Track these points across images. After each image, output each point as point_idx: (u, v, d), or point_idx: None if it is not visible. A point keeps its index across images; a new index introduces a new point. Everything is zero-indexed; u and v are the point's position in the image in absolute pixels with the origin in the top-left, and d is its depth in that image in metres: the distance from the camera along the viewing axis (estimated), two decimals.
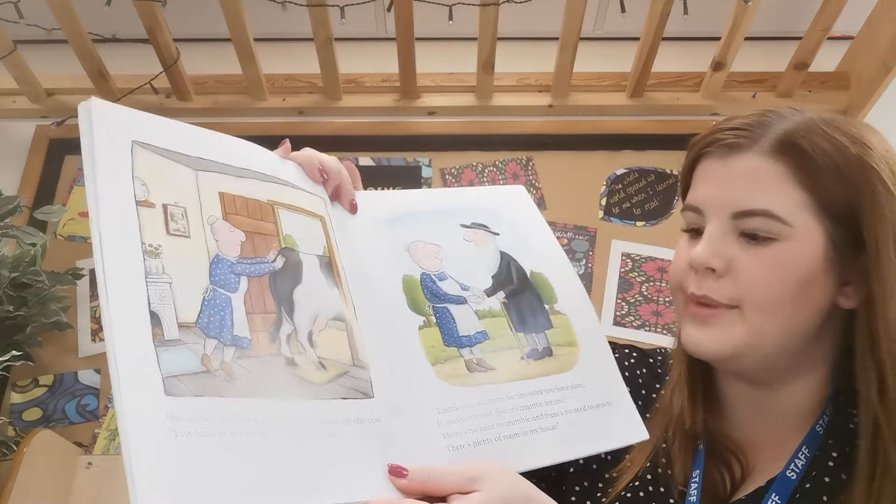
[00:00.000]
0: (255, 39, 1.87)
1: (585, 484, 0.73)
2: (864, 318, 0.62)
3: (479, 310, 0.67)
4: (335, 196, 0.68)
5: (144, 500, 0.40)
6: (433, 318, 0.65)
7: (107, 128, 0.50)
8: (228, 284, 0.52)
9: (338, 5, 1.88)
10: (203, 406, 0.46)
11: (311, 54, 1.89)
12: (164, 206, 0.51)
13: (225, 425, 0.46)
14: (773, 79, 2.03)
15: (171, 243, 0.50)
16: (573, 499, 0.73)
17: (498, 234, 0.74)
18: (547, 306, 0.70)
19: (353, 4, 1.90)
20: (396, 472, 0.52)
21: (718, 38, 1.87)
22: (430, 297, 0.66)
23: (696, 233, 0.67)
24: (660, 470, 0.69)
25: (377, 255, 0.66)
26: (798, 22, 1.99)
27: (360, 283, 0.62)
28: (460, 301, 0.67)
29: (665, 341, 1.76)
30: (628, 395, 0.67)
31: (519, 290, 0.71)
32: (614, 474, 0.72)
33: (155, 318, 0.46)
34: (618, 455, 0.73)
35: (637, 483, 0.70)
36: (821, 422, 0.66)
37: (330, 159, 0.68)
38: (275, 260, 0.56)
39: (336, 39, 1.86)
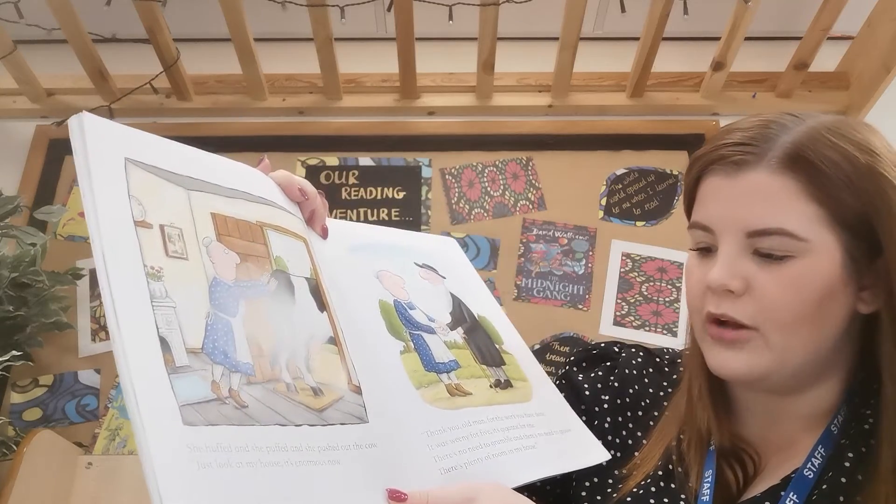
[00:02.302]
0: (255, 39, 1.87)
1: (595, 480, 0.73)
2: (889, 321, 0.61)
3: (447, 341, 0.69)
4: (310, 220, 0.68)
5: None
6: (412, 344, 0.66)
7: (100, 143, 0.48)
8: (228, 308, 0.50)
9: (338, 5, 1.88)
10: (218, 435, 0.44)
11: (311, 54, 1.89)
12: (162, 227, 0.49)
13: (240, 455, 0.44)
14: (773, 79, 2.03)
15: (172, 266, 0.48)
16: (583, 494, 0.73)
17: (445, 278, 0.77)
18: (497, 346, 0.74)
19: (353, 4, 1.90)
20: (396, 496, 0.52)
21: (718, 38, 1.87)
22: (405, 323, 0.67)
23: (706, 251, 0.66)
24: (671, 468, 0.69)
25: (351, 280, 0.66)
26: (798, 22, 1.99)
27: (341, 306, 0.62)
28: (430, 331, 0.68)
29: (665, 341, 1.76)
30: (582, 423, 0.72)
31: (472, 329, 0.74)
32: (624, 472, 0.72)
33: (164, 343, 0.44)
34: (627, 453, 0.73)
35: (648, 481, 0.70)
36: (835, 422, 0.66)
37: (304, 181, 0.67)
38: (268, 282, 0.54)
39: (336, 39, 1.86)
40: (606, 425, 0.75)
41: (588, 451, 0.69)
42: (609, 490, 0.72)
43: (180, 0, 1.96)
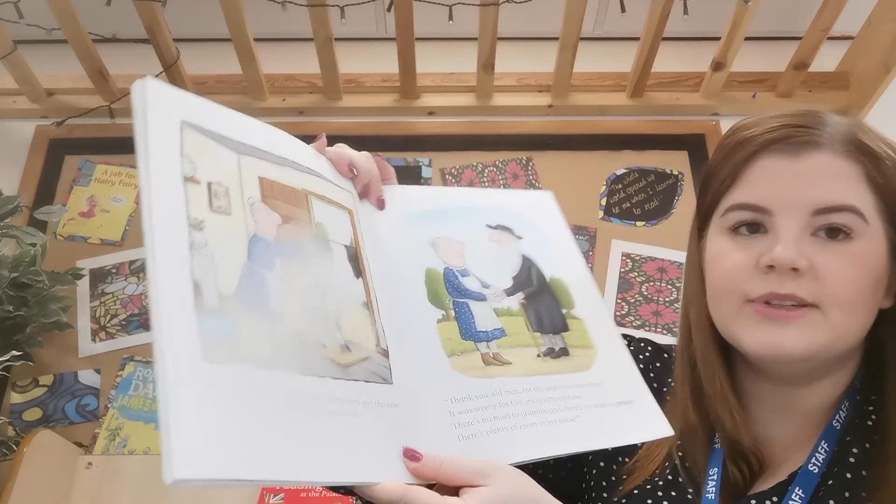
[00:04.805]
0: (255, 39, 1.87)
1: (601, 465, 0.74)
2: None
3: (497, 308, 0.68)
4: (364, 192, 0.69)
5: (179, 461, 0.41)
6: (452, 313, 0.65)
7: (159, 107, 0.52)
8: (265, 262, 0.53)
9: (338, 5, 1.88)
10: (241, 373, 0.47)
11: (311, 54, 1.89)
12: (209, 184, 0.53)
13: (261, 394, 0.47)
14: (773, 79, 2.03)
15: (214, 219, 0.52)
16: (591, 483, 0.74)
17: (521, 238, 0.75)
18: (564, 310, 0.71)
19: (353, 4, 1.90)
20: (411, 455, 0.53)
21: (718, 38, 1.87)
22: (451, 291, 0.67)
23: (746, 234, 0.65)
24: (677, 463, 0.69)
25: (401, 249, 0.68)
26: (798, 22, 1.99)
27: (382, 274, 0.64)
28: (480, 298, 0.68)
29: (665, 341, 1.76)
30: (650, 395, 0.66)
31: (537, 293, 0.71)
32: (628, 462, 0.72)
33: (197, 286, 0.48)
34: (633, 448, 0.73)
35: (655, 478, 0.70)
36: (837, 417, 0.66)
37: (360, 157, 0.68)
38: (308, 244, 0.58)
39: (336, 39, 1.86)
40: None
41: (643, 426, 0.65)
42: (614, 479, 0.72)
43: (180, 0, 1.96)
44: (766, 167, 0.65)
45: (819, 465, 0.63)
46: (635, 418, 0.65)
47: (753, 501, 0.65)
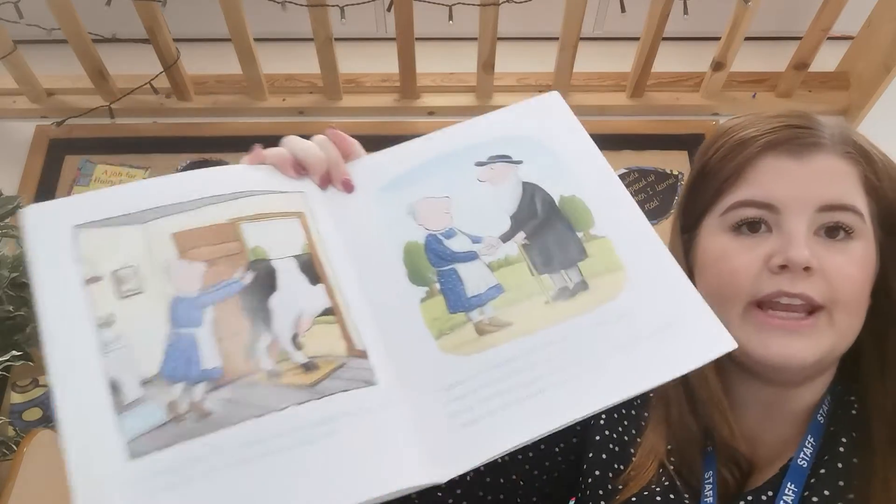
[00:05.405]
0: (255, 39, 1.87)
1: (597, 473, 0.73)
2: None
3: (492, 262, 0.60)
4: (326, 181, 0.64)
5: None
6: (437, 286, 0.59)
7: (42, 228, 0.54)
8: (192, 321, 0.52)
9: (338, 5, 1.88)
10: (171, 456, 0.46)
11: (311, 54, 1.89)
12: (113, 273, 0.52)
13: (198, 466, 0.45)
14: (773, 79, 2.03)
15: (125, 306, 0.51)
16: (588, 493, 0.73)
17: (521, 163, 0.65)
18: (580, 233, 0.61)
19: (353, 4, 1.90)
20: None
21: (718, 38, 1.87)
22: (435, 260, 0.61)
23: (747, 233, 0.65)
24: (672, 469, 0.69)
25: (377, 229, 0.62)
26: (798, 22, 1.99)
27: (353, 268, 0.60)
28: (470, 258, 0.61)
29: None
30: (702, 304, 0.56)
31: (544, 225, 0.62)
32: (621, 483, 0.71)
33: (115, 386, 0.48)
34: (626, 450, 0.72)
35: (652, 484, 0.69)
36: (821, 412, 0.67)
37: (308, 148, 0.63)
38: (242, 277, 0.55)
39: (336, 39, 1.86)
40: (602, 421, 0.75)
41: (689, 351, 0.54)
42: (611, 488, 0.71)
43: (180, 0, 1.96)
44: (773, 166, 0.65)
45: (808, 459, 0.64)
46: (679, 344, 0.54)
47: (750, 497, 0.65)
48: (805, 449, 0.64)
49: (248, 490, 0.45)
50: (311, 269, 0.58)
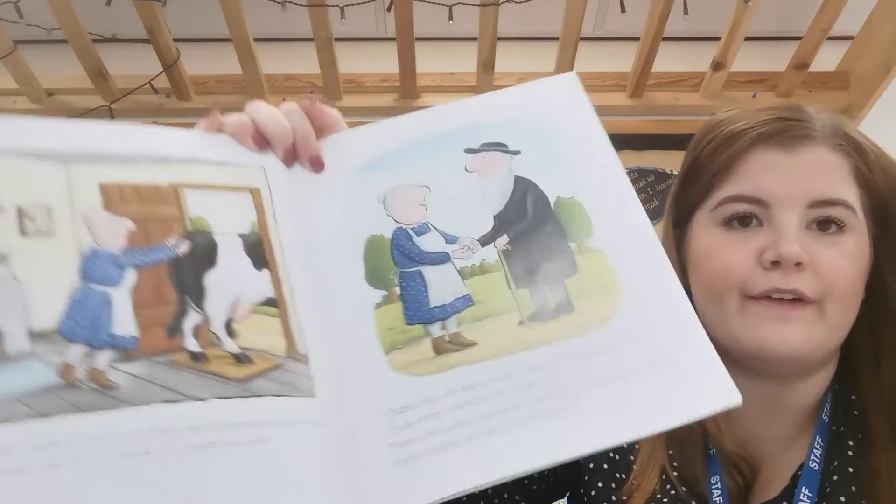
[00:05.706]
0: (255, 39, 1.87)
1: (599, 485, 0.71)
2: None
3: (465, 267, 0.52)
4: (290, 157, 0.57)
5: None
6: (397, 290, 0.52)
7: None
8: (108, 278, 0.46)
9: (338, 5, 1.88)
10: (52, 429, 0.39)
11: (311, 54, 1.89)
12: (19, 209, 0.46)
13: (85, 448, 0.39)
14: (773, 79, 2.03)
15: (27, 245, 0.45)
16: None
17: (517, 153, 0.57)
18: (573, 244, 0.52)
19: (353, 4, 1.90)
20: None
21: (718, 38, 1.87)
22: (399, 259, 0.53)
23: (738, 225, 0.65)
24: (675, 475, 0.67)
25: (340, 217, 0.55)
26: (798, 22, 1.99)
27: (306, 258, 0.52)
28: (440, 260, 0.53)
29: None
30: (708, 347, 0.48)
31: (532, 229, 0.53)
32: (625, 495, 0.69)
33: None
34: (624, 457, 0.71)
35: (658, 494, 0.67)
36: (825, 410, 0.66)
37: (271, 117, 0.57)
38: (176, 245, 0.49)
39: (336, 39, 1.86)
40: None
41: (690, 396, 0.46)
42: (615, 500, 0.70)
43: (180, 0, 1.96)
44: (763, 160, 0.64)
45: (818, 461, 0.63)
46: (675, 388, 0.46)
47: None
48: (815, 450, 0.63)
49: (135, 488, 0.39)
50: (259, 251, 0.51)
